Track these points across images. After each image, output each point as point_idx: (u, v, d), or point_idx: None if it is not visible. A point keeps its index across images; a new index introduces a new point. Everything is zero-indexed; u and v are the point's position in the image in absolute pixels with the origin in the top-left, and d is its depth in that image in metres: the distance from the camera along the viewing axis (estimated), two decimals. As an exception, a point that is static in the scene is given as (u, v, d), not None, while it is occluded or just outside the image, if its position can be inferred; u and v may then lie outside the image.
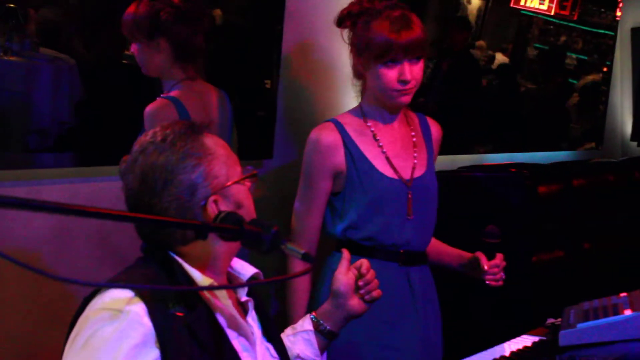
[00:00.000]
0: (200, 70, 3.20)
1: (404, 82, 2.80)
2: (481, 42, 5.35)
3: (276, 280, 2.51)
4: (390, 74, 2.80)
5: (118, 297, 1.72)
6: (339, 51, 2.97)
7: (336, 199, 2.91)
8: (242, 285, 2.02)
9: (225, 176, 1.91)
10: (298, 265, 2.83)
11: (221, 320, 1.86)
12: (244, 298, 1.98)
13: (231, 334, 1.87)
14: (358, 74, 2.96)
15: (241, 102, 3.44)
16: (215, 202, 1.88)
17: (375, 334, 2.70)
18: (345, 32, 2.94)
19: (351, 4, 2.92)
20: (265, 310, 2.08)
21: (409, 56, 2.79)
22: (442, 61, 5.24)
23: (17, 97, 2.88)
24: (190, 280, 1.84)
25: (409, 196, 2.91)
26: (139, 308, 1.71)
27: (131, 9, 2.98)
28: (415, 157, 2.99)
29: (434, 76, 5.14)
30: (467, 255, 3.00)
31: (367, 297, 2.16)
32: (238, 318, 1.90)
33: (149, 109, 2.96)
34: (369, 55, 2.82)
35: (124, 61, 3.22)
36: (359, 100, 3.03)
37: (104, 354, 1.66)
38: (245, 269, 2.07)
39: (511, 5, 5.55)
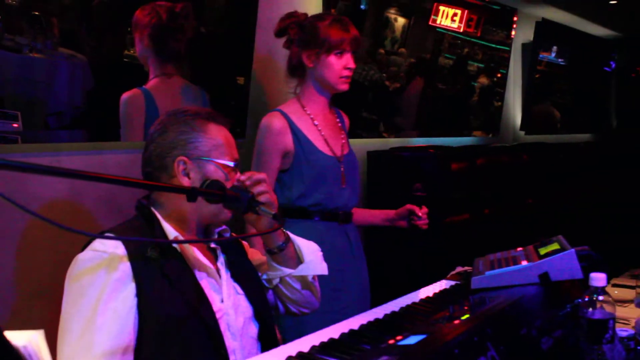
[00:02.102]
0: (181, 69, 3.21)
1: (349, 69, 2.83)
2: (402, 50, 5.31)
3: (247, 237, 2.45)
4: (339, 63, 2.82)
5: (106, 242, 1.75)
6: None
7: (285, 174, 2.87)
8: (212, 240, 2.01)
9: (206, 152, 1.89)
10: None
11: (191, 264, 1.85)
12: (212, 245, 1.99)
13: (200, 275, 1.85)
14: (299, 68, 2.92)
15: (219, 95, 3.48)
16: (183, 162, 1.87)
17: (329, 280, 2.68)
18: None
19: (287, 18, 2.94)
20: (236, 255, 2.05)
21: (352, 49, 2.83)
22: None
23: (40, 87, 2.84)
24: (163, 232, 1.84)
25: (342, 169, 2.92)
26: (121, 250, 1.73)
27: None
28: (342, 139, 3.01)
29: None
30: (391, 212, 3.04)
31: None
32: (205, 262, 1.88)
33: (124, 96, 2.99)
34: (324, 48, 2.81)
35: (125, 59, 3.17)
36: (292, 96, 3.02)
37: (92, 288, 1.68)
38: None
39: (429, 23, 5.55)
